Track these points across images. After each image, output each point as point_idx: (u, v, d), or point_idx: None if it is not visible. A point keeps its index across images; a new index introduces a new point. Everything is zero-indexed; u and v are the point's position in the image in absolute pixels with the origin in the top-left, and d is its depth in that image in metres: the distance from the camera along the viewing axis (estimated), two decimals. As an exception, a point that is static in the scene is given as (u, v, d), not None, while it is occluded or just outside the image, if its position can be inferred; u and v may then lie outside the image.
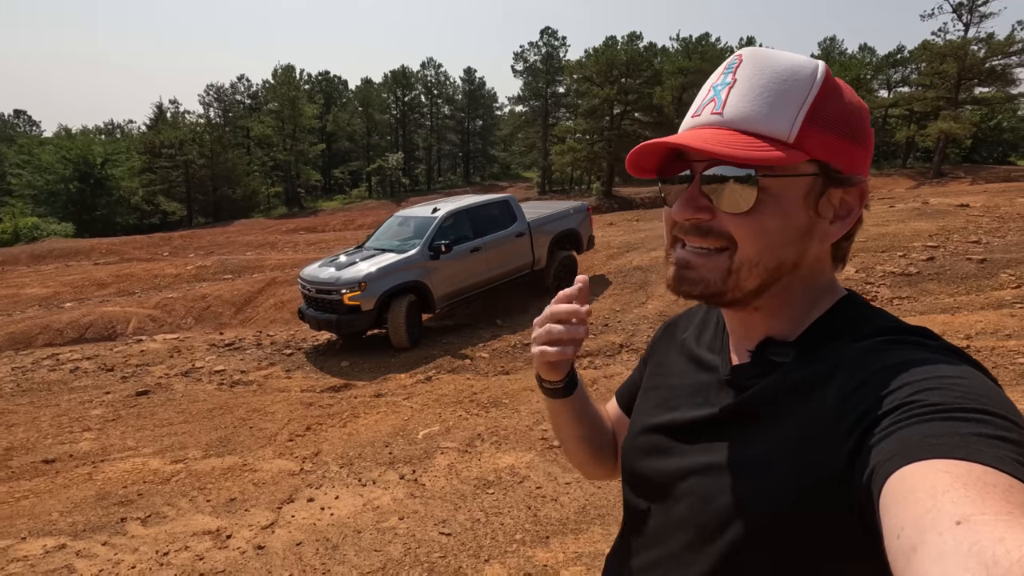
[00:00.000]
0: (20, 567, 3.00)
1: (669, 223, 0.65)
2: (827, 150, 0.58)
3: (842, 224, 0.61)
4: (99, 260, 18.31)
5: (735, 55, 0.61)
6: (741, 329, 0.68)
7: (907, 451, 0.43)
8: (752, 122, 0.57)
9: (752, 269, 0.59)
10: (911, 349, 0.53)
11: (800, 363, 0.60)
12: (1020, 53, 21.34)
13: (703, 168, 0.59)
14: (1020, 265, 8.33)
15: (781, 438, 0.56)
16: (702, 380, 0.71)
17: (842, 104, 0.59)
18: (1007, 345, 5.02)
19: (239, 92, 47.95)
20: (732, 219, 0.59)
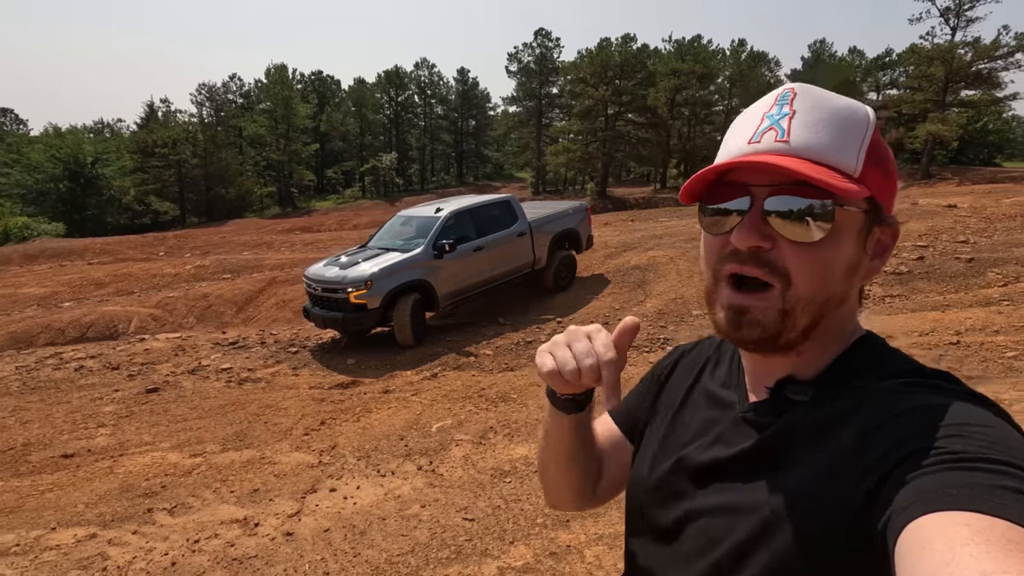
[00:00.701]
0: (54, 555, 3.10)
1: (715, 253, 0.62)
2: (880, 188, 0.58)
3: (880, 262, 0.61)
4: (93, 260, 18.22)
5: (785, 88, 0.61)
6: (762, 368, 0.66)
7: (926, 500, 0.41)
8: (823, 153, 0.56)
9: (806, 306, 0.58)
10: (934, 393, 0.52)
11: (819, 402, 0.59)
12: (1006, 57, 21.84)
13: (767, 195, 0.57)
14: (1007, 264, 8.58)
15: (798, 479, 0.55)
16: (716, 417, 0.69)
17: (883, 145, 0.60)
18: (996, 340, 5.22)
19: (231, 91, 47.72)
20: (794, 250, 0.57)
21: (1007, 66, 22.23)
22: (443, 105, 51.15)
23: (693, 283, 9.03)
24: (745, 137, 0.60)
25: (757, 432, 0.62)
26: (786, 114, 0.58)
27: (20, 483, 4.01)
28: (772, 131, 0.58)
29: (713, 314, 0.63)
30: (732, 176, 0.61)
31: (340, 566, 2.72)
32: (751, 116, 0.61)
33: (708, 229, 0.63)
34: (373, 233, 8.95)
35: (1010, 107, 26.21)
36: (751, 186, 0.58)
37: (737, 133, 0.62)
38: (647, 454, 0.75)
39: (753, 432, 0.63)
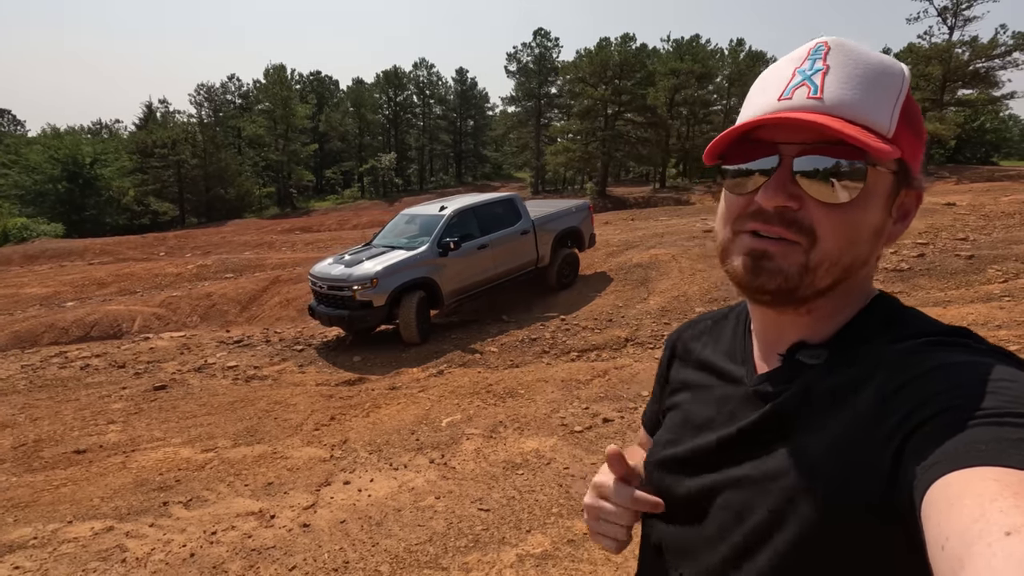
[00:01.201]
0: (72, 548, 3.12)
1: (736, 212, 0.60)
2: (911, 150, 0.56)
3: (903, 225, 0.60)
4: (93, 260, 18.24)
5: (818, 41, 0.58)
6: (774, 334, 0.64)
7: (953, 457, 0.41)
8: (857, 111, 0.53)
9: (831, 268, 0.56)
10: (956, 351, 0.51)
11: (834, 365, 0.57)
12: (1003, 56, 21.96)
13: (796, 153, 0.55)
14: (1006, 261, 8.64)
15: (817, 445, 0.53)
16: (727, 393, 0.67)
17: (915, 105, 0.58)
18: (998, 335, 5.27)
19: (229, 92, 47.69)
20: (823, 210, 0.55)
21: (1004, 65, 22.36)
22: (442, 105, 51.19)
23: (696, 281, 9.08)
24: (775, 93, 0.57)
25: (769, 402, 0.60)
26: (819, 69, 0.55)
27: (34, 478, 4.04)
28: (804, 87, 0.55)
29: (729, 264, 0.61)
30: (759, 134, 0.58)
31: (359, 555, 2.76)
32: (781, 71, 0.58)
33: (731, 189, 0.60)
34: (377, 232, 8.98)
35: (1007, 106, 26.34)
36: (780, 144, 0.56)
37: (765, 89, 0.59)
38: (661, 438, 0.74)
39: (765, 402, 0.61)
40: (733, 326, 0.73)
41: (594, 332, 7.55)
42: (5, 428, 5.01)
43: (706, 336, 0.77)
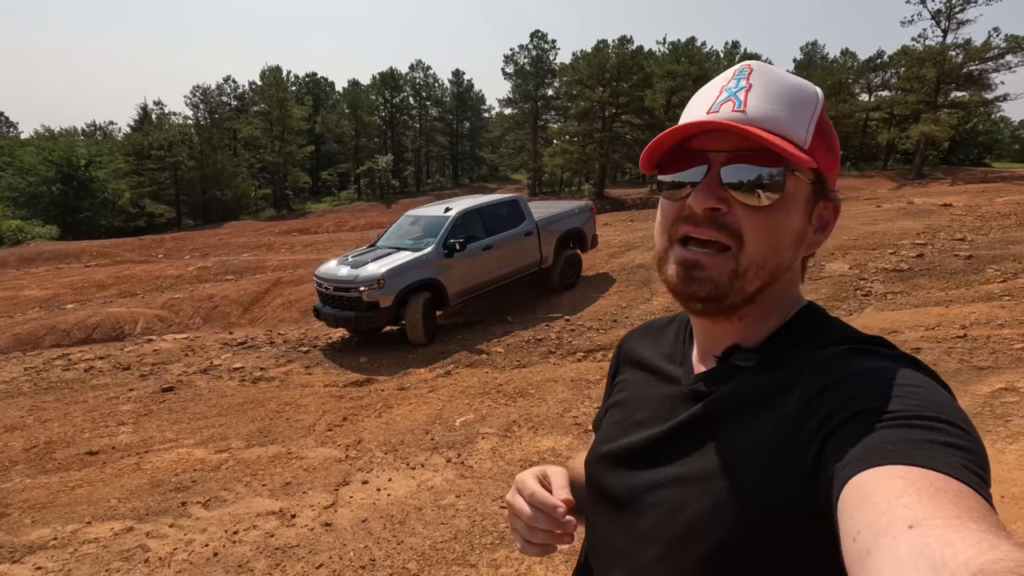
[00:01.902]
0: (93, 548, 3.13)
1: (671, 217, 0.63)
2: (825, 162, 0.61)
3: (822, 236, 0.64)
4: (90, 263, 18.13)
5: (742, 64, 0.63)
6: (711, 340, 0.68)
7: (865, 457, 0.44)
8: (776, 124, 0.58)
9: (758, 271, 0.60)
10: (871, 358, 0.55)
11: (764, 368, 0.61)
12: (996, 58, 22.19)
13: (724, 161, 0.60)
14: (1005, 261, 8.74)
15: (746, 444, 0.56)
16: (664, 392, 0.70)
17: (829, 124, 0.63)
18: (1002, 333, 5.34)
19: (225, 93, 47.56)
20: (749, 214, 0.59)
21: (997, 68, 22.59)
22: (438, 107, 51.20)
23: (698, 281, 9.13)
24: (704, 108, 0.62)
25: (702, 400, 0.63)
26: (743, 87, 0.60)
27: (48, 480, 4.03)
28: (729, 102, 0.60)
29: (664, 274, 0.64)
30: (691, 144, 0.62)
31: (385, 552, 2.78)
32: (710, 89, 0.64)
33: (667, 197, 0.64)
34: (381, 233, 9.00)
35: (999, 108, 26.62)
36: (708, 152, 0.61)
37: (696, 105, 0.64)
38: (601, 436, 0.77)
39: (697, 403, 0.64)
40: (676, 330, 0.77)
41: (599, 332, 7.59)
42: (15, 430, 4.99)
43: (650, 339, 0.80)
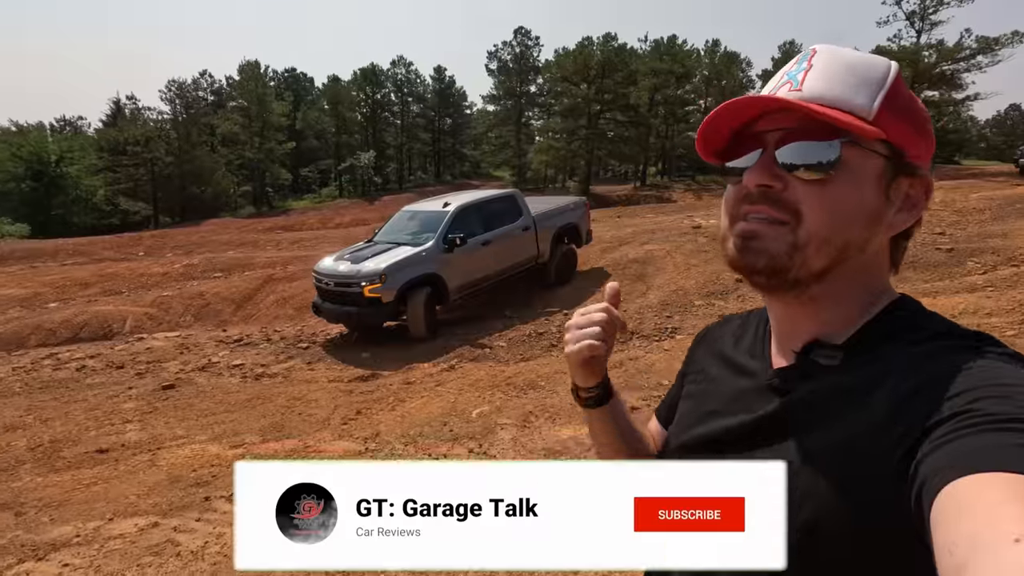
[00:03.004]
0: (120, 544, 3.10)
1: (732, 200, 0.63)
2: (901, 135, 0.57)
3: (908, 215, 0.60)
4: (67, 261, 17.63)
5: (809, 49, 0.62)
6: (787, 327, 0.65)
7: (962, 463, 0.41)
8: (834, 98, 0.56)
9: (820, 247, 0.57)
10: (970, 354, 0.51)
11: (849, 367, 0.57)
12: (967, 59, 22.93)
13: (778, 140, 0.59)
14: (984, 253, 9.08)
15: (828, 446, 0.54)
16: (742, 386, 0.68)
17: (912, 98, 0.60)
18: (991, 322, 5.57)
19: (201, 88, 46.54)
20: (805, 188, 0.57)
21: (968, 68, 23.33)
22: (420, 103, 50.85)
23: (691, 275, 9.29)
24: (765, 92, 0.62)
25: (780, 398, 0.61)
26: (803, 68, 0.59)
27: (60, 478, 3.96)
28: (787, 84, 0.59)
29: (725, 249, 0.63)
30: (749, 129, 0.62)
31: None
32: (776, 76, 0.63)
33: (729, 180, 0.64)
34: (377, 229, 8.96)
35: (970, 107, 27.50)
36: (764, 134, 0.60)
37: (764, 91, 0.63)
38: (675, 430, 0.76)
39: (776, 398, 0.61)
40: (755, 325, 0.75)
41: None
42: (16, 430, 4.88)
43: (727, 333, 0.78)
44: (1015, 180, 17.14)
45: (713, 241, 10.72)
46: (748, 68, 40.90)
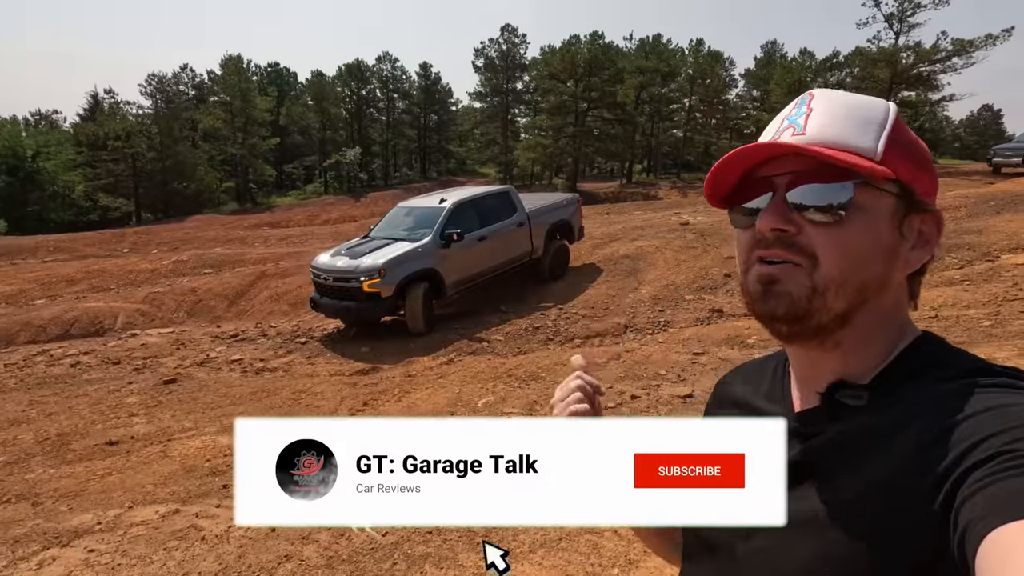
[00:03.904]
0: (144, 530, 3.17)
1: (746, 247, 0.62)
2: (908, 173, 0.58)
3: (922, 252, 0.59)
4: (48, 258, 17.34)
5: (806, 93, 0.63)
6: (809, 370, 0.63)
7: (1003, 508, 0.39)
8: (839, 141, 0.57)
9: (839, 289, 0.56)
10: (1003, 393, 0.49)
11: (876, 407, 0.56)
12: (944, 60, 23.59)
13: (788, 183, 0.59)
14: (960, 249, 9.43)
15: (857, 489, 0.52)
16: None
17: (913, 136, 0.60)
18: (969, 314, 5.85)
19: (182, 82, 45.76)
20: (819, 231, 0.57)
21: (944, 69, 23.98)
22: (406, 100, 50.59)
23: (681, 270, 9.51)
24: (766, 139, 0.62)
25: (803, 442, 0.59)
26: (804, 112, 0.60)
27: (73, 469, 4.01)
28: (790, 128, 0.60)
29: (745, 297, 0.63)
30: (756, 173, 0.62)
31: (445, 520, 2.93)
32: (774, 122, 0.63)
33: (739, 225, 0.64)
34: (373, 224, 9.02)
35: (945, 108, 28.27)
36: (773, 178, 0.60)
37: (761, 138, 0.64)
38: None
39: (801, 443, 0.59)
40: (773, 367, 0.73)
41: (593, 320, 7.86)
42: (21, 424, 4.89)
43: (745, 379, 0.77)
44: (988, 178, 17.71)
45: (702, 237, 10.96)
46: (731, 67, 41.53)
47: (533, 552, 2.51)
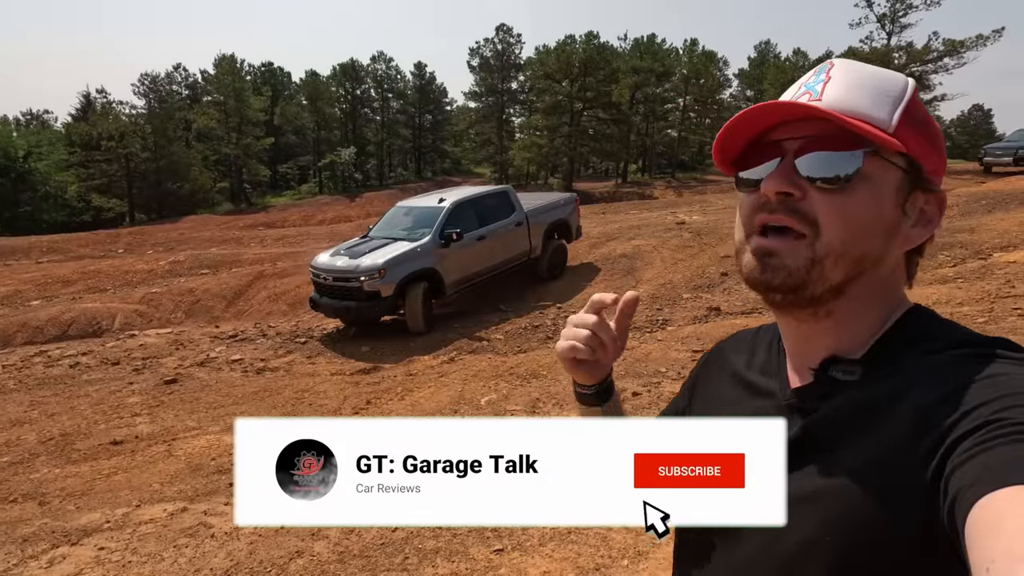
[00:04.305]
0: (152, 528, 3.19)
1: (748, 210, 0.61)
2: (919, 149, 0.57)
3: (923, 231, 0.59)
4: (41, 259, 17.24)
5: (826, 62, 0.62)
6: (802, 345, 0.63)
7: (993, 475, 0.40)
8: (854, 109, 0.56)
9: (838, 260, 0.56)
10: (993, 362, 0.50)
11: (869, 381, 0.57)
12: (935, 60, 23.82)
13: (797, 148, 0.58)
14: (952, 248, 9.54)
15: (853, 464, 0.53)
16: (758, 407, 0.66)
17: (927, 115, 0.60)
18: (963, 311, 5.94)
19: (176, 82, 45.55)
20: (824, 198, 0.56)
21: (936, 69, 24.20)
22: (400, 99, 50.52)
23: (679, 269, 9.58)
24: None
25: (803, 418, 0.59)
26: (822, 80, 0.59)
27: (78, 469, 4.02)
28: (807, 94, 0.59)
29: (740, 265, 0.62)
30: (766, 137, 0.61)
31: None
32: (792, 87, 0.62)
33: (743, 191, 0.63)
34: (372, 224, 9.04)
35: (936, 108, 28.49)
36: (783, 142, 0.59)
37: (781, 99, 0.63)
38: None
39: (799, 418, 0.60)
40: (768, 341, 0.73)
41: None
42: (23, 424, 4.89)
43: (740, 350, 0.76)
44: (979, 178, 17.88)
45: (698, 236, 11.04)
46: (725, 67, 41.74)
47: (543, 545, 2.56)
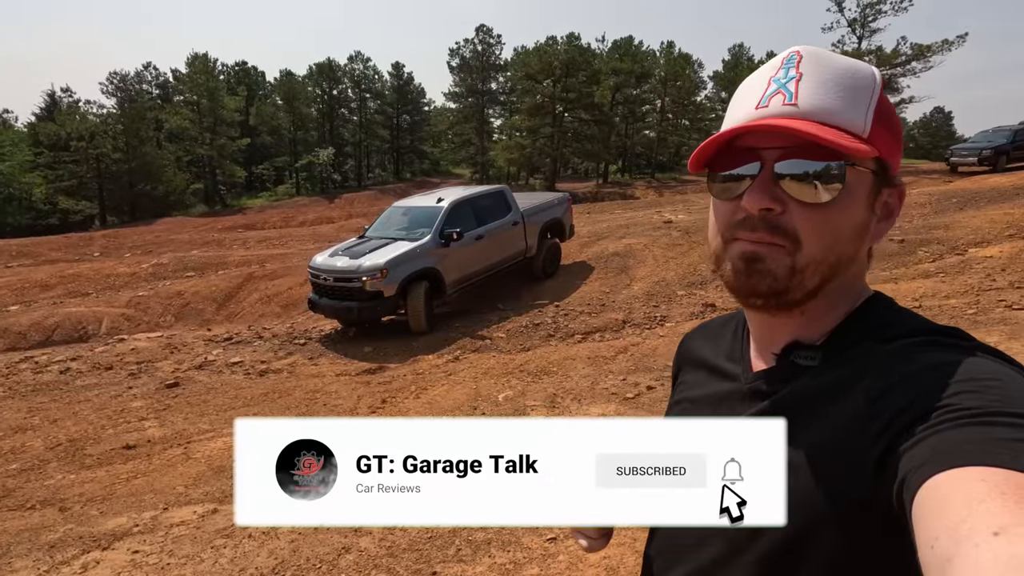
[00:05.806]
0: (185, 530, 3.16)
1: (725, 220, 0.62)
2: (888, 148, 0.58)
3: (887, 224, 0.61)
4: (11, 263, 16.64)
5: (791, 51, 0.60)
6: (767, 333, 0.65)
7: (941, 458, 0.41)
8: (832, 115, 0.56)
9: (818, 268, 0.57)
10: (945, 350, 0.52)
11: (828, 366, 0.59)
12: (904, 64, 24.67)
13: (777, 158, 0.58)
14: (931, 244, 9.92)
15: (809, 444, 0.54)
16: (723, 390, 0.69)
17: (890, 106, 0.60)
18: (950, 303, 6.20)
19: (146, 81, 44.38)
20: (805, 212, 0.57)
21: (904, 73, 25.06)
22: (378, 100, 50.10)
23: (671, 267, 9.76)
24: (752, 102, 0.60)
25: (763, 401, 0.62)
26: (793, 77, 0.58)
27: (94, 474, 3.93)
28: (780, 95, 0.58)
29: (722, 270, 0.62)
30: (741, 142, 0.60)
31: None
32: (758, 81, 0.61)
33: (719, 195, 0.62)
34: (368, 224, 8.99)
35: (904, 110, 29.49)
36: (761, 150, 0.59)
37: (743, 99, 0.61)
38: None
39: (760, 401, 0.62)
40: (733, 328, 0.75)
41: (591, 316, 8.00)
42: (26, 431, 4.76)
43: (707, 338, 0.79)
44: (947, 177, 18.59)
45: (687, 235, 11.24)
46: (700, 69, 42.48)
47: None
